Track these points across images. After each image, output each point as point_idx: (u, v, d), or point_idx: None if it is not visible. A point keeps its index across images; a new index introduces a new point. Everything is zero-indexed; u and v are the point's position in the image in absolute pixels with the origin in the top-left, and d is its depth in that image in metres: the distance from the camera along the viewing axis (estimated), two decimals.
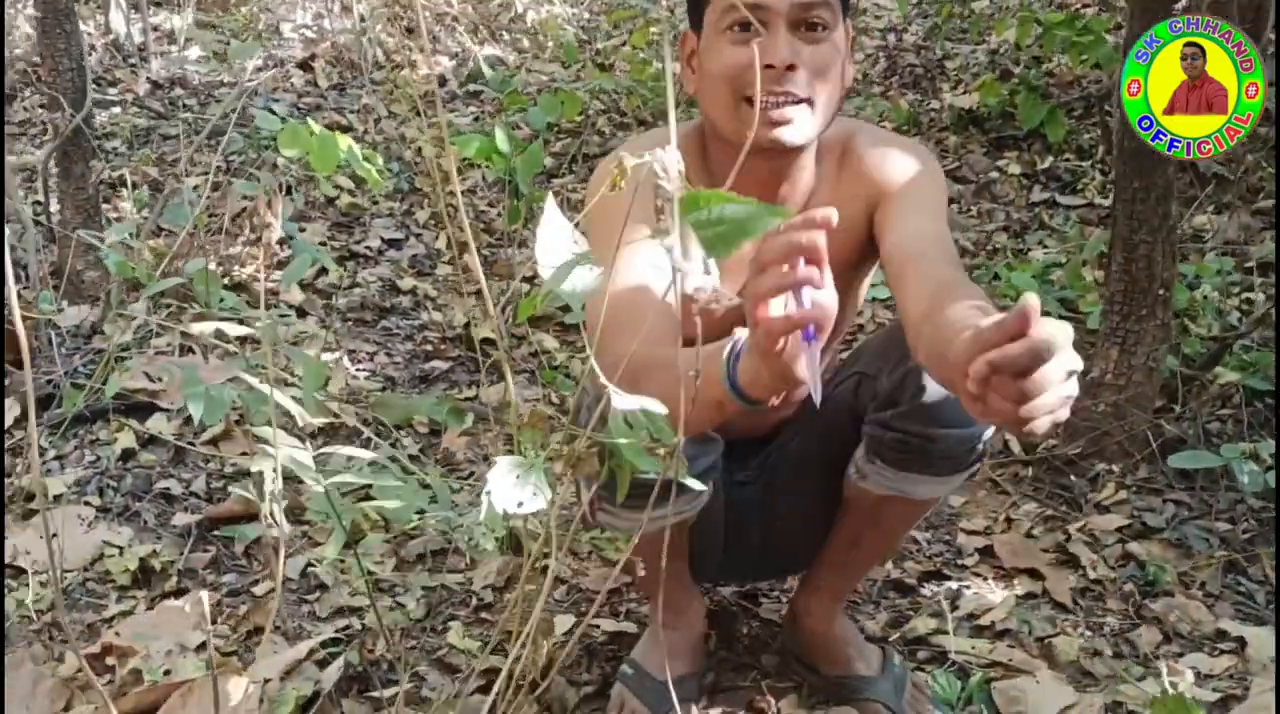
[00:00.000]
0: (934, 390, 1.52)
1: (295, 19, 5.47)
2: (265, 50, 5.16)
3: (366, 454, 1.48)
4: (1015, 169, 4.19)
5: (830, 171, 1.63)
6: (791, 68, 1.46)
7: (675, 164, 1.00)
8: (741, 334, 1.21)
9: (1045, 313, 1.03)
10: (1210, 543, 2.21)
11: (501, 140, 3.01)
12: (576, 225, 1.22)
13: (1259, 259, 3.38)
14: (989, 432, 1.58)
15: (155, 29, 5.29)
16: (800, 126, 1.49)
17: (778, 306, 1.08)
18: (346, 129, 4.57)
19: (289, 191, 3.60)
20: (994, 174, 4.16)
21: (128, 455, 2.44)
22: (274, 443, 1.46)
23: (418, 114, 4.90)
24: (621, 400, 1.19)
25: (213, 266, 2.98)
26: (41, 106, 4.23)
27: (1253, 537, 2.21)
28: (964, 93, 4.81)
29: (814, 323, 1.07)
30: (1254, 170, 4.01)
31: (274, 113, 4.48)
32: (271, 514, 1.60)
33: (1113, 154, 2.42)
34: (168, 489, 2.34)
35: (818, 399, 1.09)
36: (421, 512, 2.11)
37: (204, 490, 2.36)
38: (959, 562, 2.21)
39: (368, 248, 3.47)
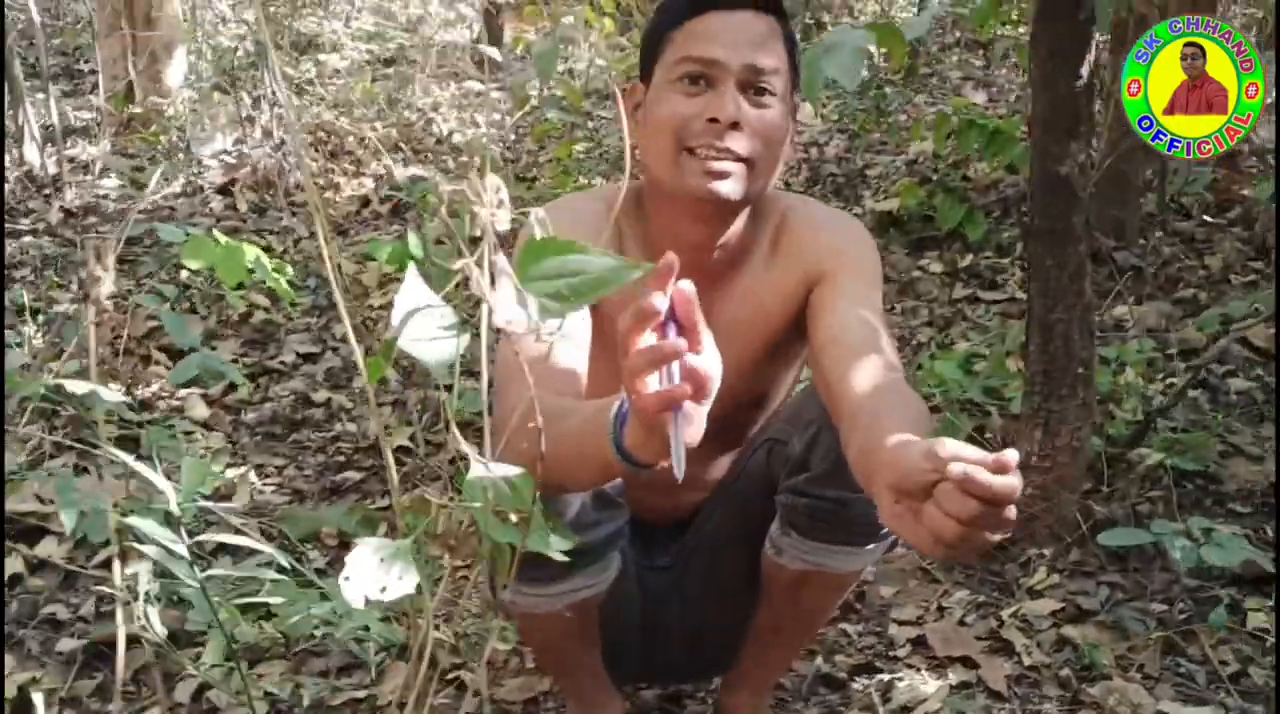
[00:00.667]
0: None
1: (215, 145, 5.44)
2: (182, 176, 5.11)
3: (256, 543, 1.39)
4: (937, 268, 4.20)
5: (765, 243, 1.59)
6: (736, 125, 1.44)
7: (495, 191, 0.95)
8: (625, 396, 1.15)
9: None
10: (1146, 624, 2.13)
11: (415, 245, 2.96)
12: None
13: (1180, 346, 3.38)
14: None
15: (71, 160, 5.25)
16: (737, 183, 1.46)
17: (653, 381, 1.01)
18: (267, 249, 4.51)
19: (193, 309, 3.52)
20: (916, 273, 4.17)
21: (15, 581, 2.30)
22: (147, 538, 1.36)
23: (341, 234, 4.86)
24: (478, 465, 1.12)
25: (115, 386, 2.89)
26: None
27: (1189, 616, 2.14)
28: (885, 198, 4.84)
29: (692, 391, 1.01)
30: (1172, 262, 4.05)
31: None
32: (145, 616, 1.49)
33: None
34: (54, 614, 2.21)
35: (679, 473, 1.02)
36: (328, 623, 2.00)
37: (92, 614, 2.22)
38: (891, 653, 2.12)
39: (281, 362, 3.38)
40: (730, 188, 1.46)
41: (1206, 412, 2.97)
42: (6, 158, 5.07)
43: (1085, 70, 2.22)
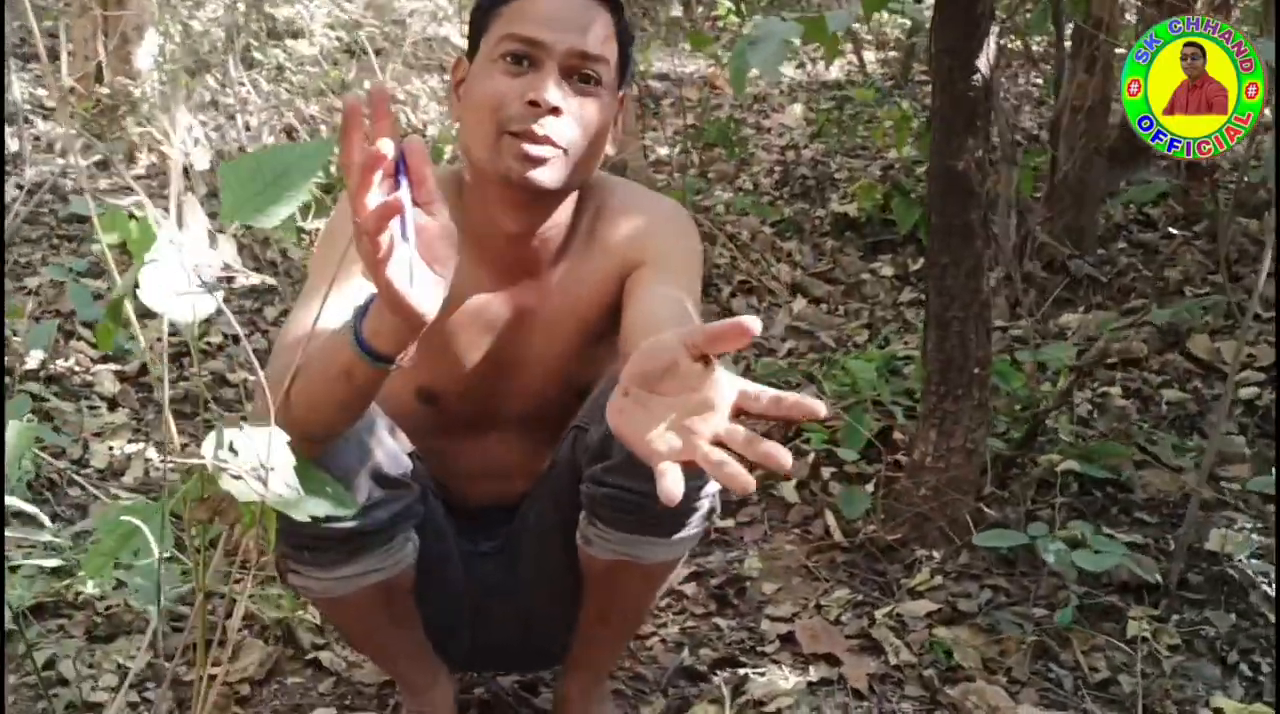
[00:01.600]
0: None
1: (181, 128, 5.42)
2: (145, 157, 5.10)
3: (29, 507, 1.36)
4: (888, 271, 4.17)
5: (583, 231, 1.57)
6: (555, 111, 1.40)
7: (188, 129, 0.93)
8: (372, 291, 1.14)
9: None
10: (1023, 628, 2.10)
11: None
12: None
13: (1121, 356, 3.34)
14: (711, 486, 1.48)
15: (36, 138, 5.24)
16: (554, 170, 1.43)
17: (384, 240, 1.02)
18: (220, 231, 4.49)
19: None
20: (865, 276, 4.13)
21: None
22: None
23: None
24: (224, 425, 1.09)
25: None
26: None
27: (1072, 623, 2.10)
28: (848, 201, 4.81)
29: (421, 250, 1.05)
30: (1128, 272, 4.01)
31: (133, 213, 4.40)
32: None
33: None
34: None
35: (432, 308, 1.08)
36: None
37: None
38: (759, 649, 2.09)
39: (207, 343, 3.36)
40: (546, 175, 1.42)
41: (1133, 420, 2.93)
42: None
43: (983, 66, 2.19)
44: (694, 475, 1.41)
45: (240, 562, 1.40)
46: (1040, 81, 6.08)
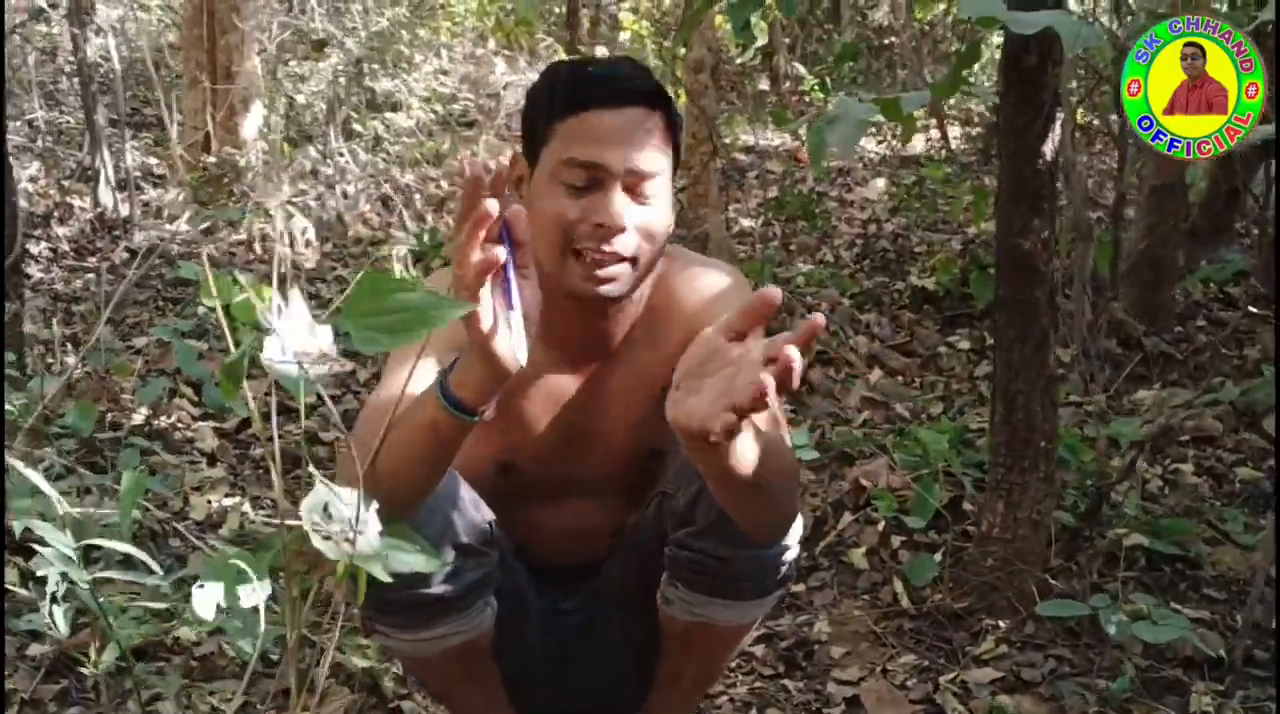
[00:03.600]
0: None
1: (282, 196, 5.66)
2: (247, 224, 5.33)
3: (135, 550, 1.48)
4: (965, 345, 4.21)
5: (648, 302, 1.65)
6: (623, 229, 1.48)
7: (302, 232, 1.03)
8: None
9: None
10: (1085, 699, 2.13)
11: None
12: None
13: (1193, 433, 3.35)
14: (791, 554, 1.56)
15: (145, 204, 5.49)
16: (623, 283, 1.52)
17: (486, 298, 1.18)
18: (314, 296, 4.68)
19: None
20: (942, 349, 4.18)
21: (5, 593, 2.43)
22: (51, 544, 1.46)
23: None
24: (320, 487, 1.19)
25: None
26: None
27: (1132, 694, 2.13)
28: (928, 275, 4.88)
29: (501, 265, 1.17)
30: (1205, 351, 4.01)
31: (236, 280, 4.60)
32: (51, 616, 1.59)
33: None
34: (32, 622, 2.32)
35: (523, 358, 1.20)
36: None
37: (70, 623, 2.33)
38: (825, 711, 2.15)
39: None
40: (616, 289, 1.51)
41: (1205, 497, 2.95)
42: (85, 201, 5.33)
43: (1048, 149, 2.26)
44: (772, 544, 1.51)
45: (330, 613, 1.50)
46: None
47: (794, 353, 1.05)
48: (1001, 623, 2.37)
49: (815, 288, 4.68)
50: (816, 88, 8.39)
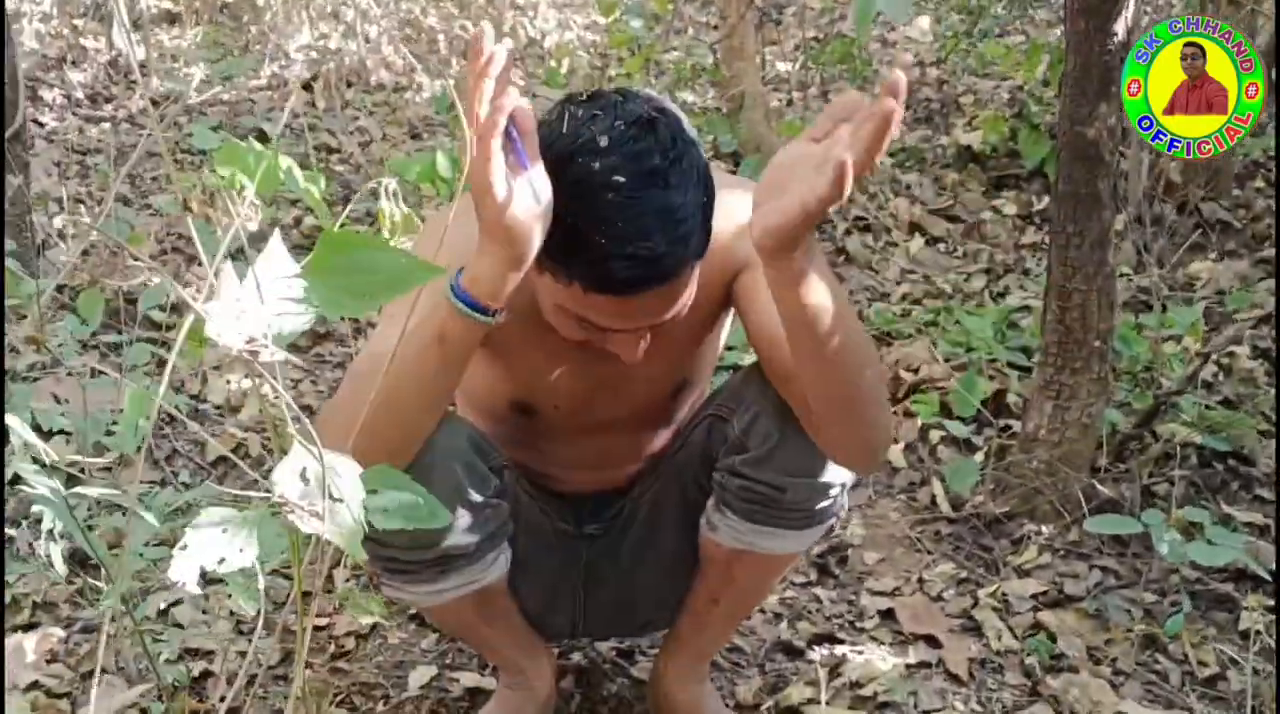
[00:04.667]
0: (786, 437, 1.43)
1: (302, 39, 5.45)
2: (267, 68, 5.14)
3: (114, 493, 1.39)
4: (1011, 209, 4.04)
5: None
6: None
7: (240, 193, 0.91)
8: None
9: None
10: (1131, 615, 2.05)
11: (442, 164, 2.93)
12: None
13: (1254, 309, 3.20)
14: (843, 482, 1.48)
15: (161, 47, 5.30)
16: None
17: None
18: (334, 150, 4.53)
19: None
20: (987, 214, 4.01)
21: (18, 480, 2.36)
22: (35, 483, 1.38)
23: (414, 137, 4.85)
24: (300, 452, 1.09)
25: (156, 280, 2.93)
26: None
27: (1180, 613, 2.04)
28: (972, 129, 4.66)
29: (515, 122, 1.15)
30: (1262, 217, 3.83)
31: (264, 132, 4.46)
32: (48, 556, 1.52)
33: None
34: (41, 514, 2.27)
35: (513, 215, 1.16)
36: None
37: (84, 519, 2.28)
38: (858, 624, 2.08)
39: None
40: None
41: (1260, 384, 2.82)
42: (99, 42, 5.14)
43: (1120, 30, 2.08)
44: (826, 478, 1.42)
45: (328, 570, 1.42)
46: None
47: (889, 103, 1.05)
48: (1045, 529, 2.28)
49: None
50: None
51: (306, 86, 5.13)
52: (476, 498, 1.42)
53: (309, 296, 0.91)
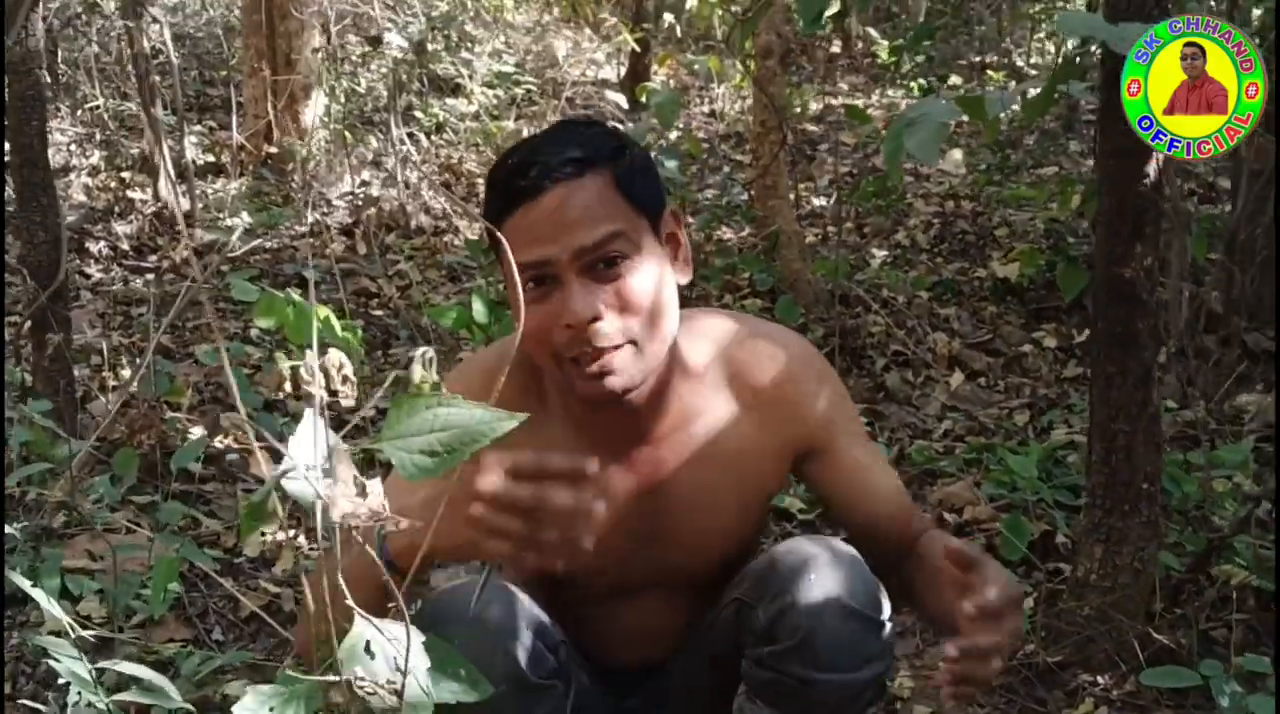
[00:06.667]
0: (816, 629, 1.37)
1: (344, 186, 5.56)
2: (311, 217, 5.23)
3: (153, 674, 1.36)
4: (1051, 342, 4.01)
5: (718, 387, 1.51)
6: (596, 319, 1.34)
7: (338, 367, 0.90)
8: None
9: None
10: None
11: (479, 311, 2.94)
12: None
13: None
14: (877, 674, 1.43)
15: (206, 197, 5.42)
16: (630, 370, 1.37)
17: None
18: (374, 295, 4.57)
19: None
20: (1027, 347, 3.98)
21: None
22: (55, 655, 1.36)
23: (452, 280, 4.91)
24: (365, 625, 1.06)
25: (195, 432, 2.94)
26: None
27: None
28: (1008, 262, 4.65)
29: None
30: None
31: (304, 278, 4.52)
32: None
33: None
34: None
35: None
36: None
37: (114, 681, 2.25)
38: None
39: (361, 419, 3.40)
40: (624, 380, 1.37)
41: None
42: (145, 193, 5.26)
43: (1152, 170, 2.07)
44: (858, 675, 1.37)
45: None
46: None
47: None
48: (1100, 679, 2.20)
49: (891, 279, 4.49)
50: (889, 52, 8.12)
51: (348, 232, 5.22)
52: (533, 677, 1.37)
53: (376, 487, 0.90)
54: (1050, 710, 2.15)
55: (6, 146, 2.81)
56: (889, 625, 1.42)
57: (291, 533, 2.74)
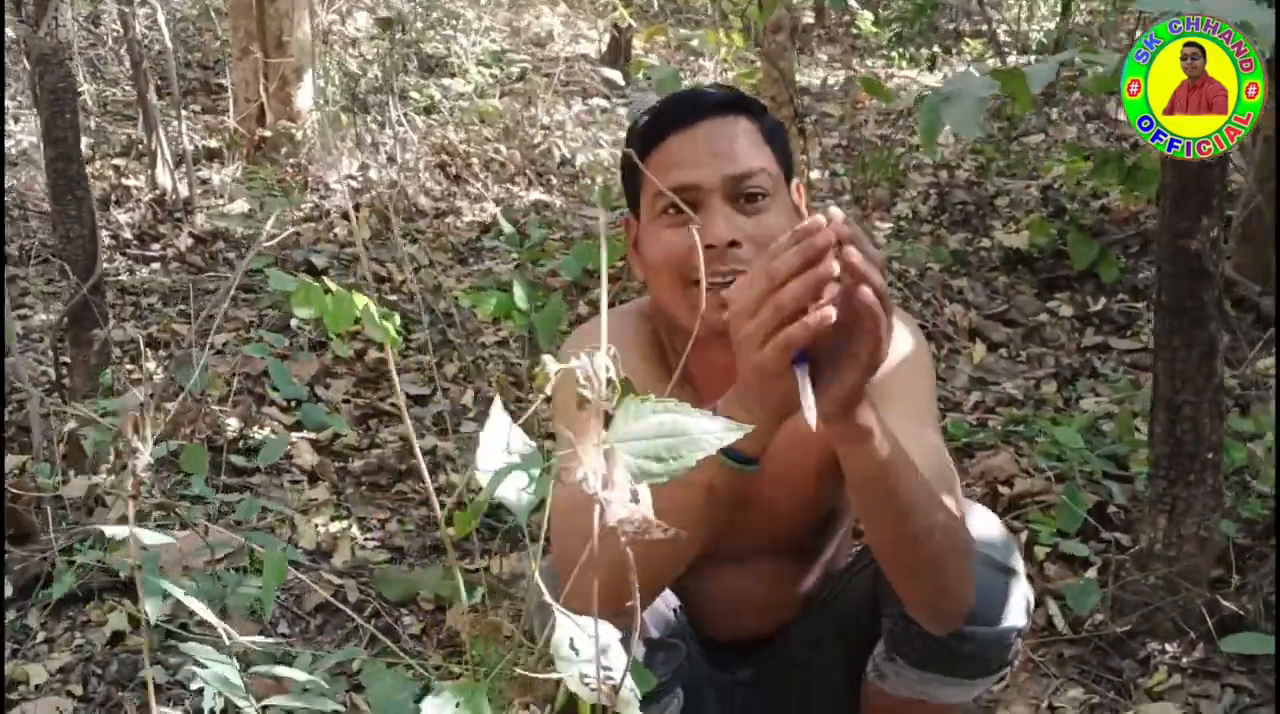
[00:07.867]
0: None
1: (341, 169, 5.50)
2: (309, 201, 5.18)
3: (299, 674, 1.35)
4: (1067, 311, 4.04)
5: None
6: (734, 243, 1.37)
7: (604, 370, 0.88)
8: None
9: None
10: None
11: (520, 297, 2.93)
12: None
13: None
14: (1021, 627, 1.44)
15: (203, 183, 5.35)
16: None
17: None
18: (384, 279, 4.54)
19: (303, 350, 3.55)
20: (1043, 317, 4.01)
21: (117, 638, 2.33)
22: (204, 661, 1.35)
23: (460, 262, 4.88)
24: (567, 621, 1.06)
25: (234, 425, 2.92)
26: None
27: None
28: (1014, 231, 4.68)
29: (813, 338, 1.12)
30: None
31: (313, 264, 4.48)
32: None
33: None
34: (153, 678, 2.23)
35: (812, 420, 1.12)
36: None
37: (189, 678, 2.23)
38: None
39: (392, 405, 3.39)
40: None
41: None
42: (140, 180, 5.19)
43: None
44: (1007, 624, 1.38)
45: None
46: None
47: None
48: (1169, 647, 2.23)
49: (896, 254, 4.49)
50: (871, 25, 8.12)
51: (347, 216, 5.17)
52: (659, 635, 1.39)
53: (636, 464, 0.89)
54: (1125, 679, 2.18)
55: (39, 141, 2.76)
56: (1026, 593, 1.44)
57: (345, 523, 2.73)
